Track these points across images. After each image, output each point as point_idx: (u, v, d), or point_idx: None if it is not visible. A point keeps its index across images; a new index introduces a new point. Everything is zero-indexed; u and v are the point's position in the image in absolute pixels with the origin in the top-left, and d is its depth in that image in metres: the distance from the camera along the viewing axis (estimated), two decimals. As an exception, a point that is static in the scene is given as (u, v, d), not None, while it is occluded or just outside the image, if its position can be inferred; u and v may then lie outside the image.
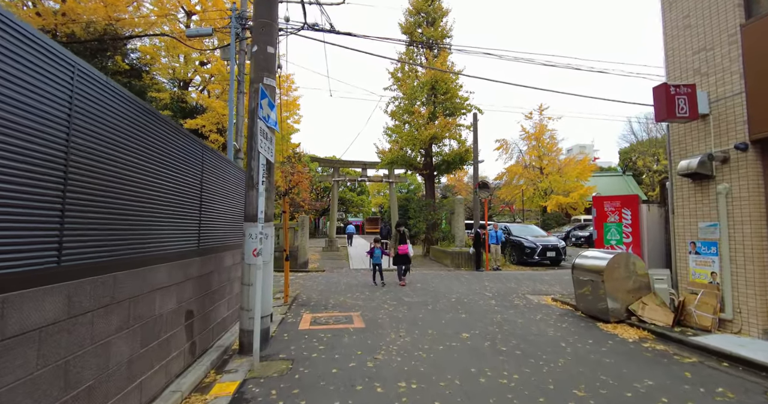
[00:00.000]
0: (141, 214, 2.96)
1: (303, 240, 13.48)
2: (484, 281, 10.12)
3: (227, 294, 5.16)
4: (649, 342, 4.96)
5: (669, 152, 6.21)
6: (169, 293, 3.40)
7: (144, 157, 3.01)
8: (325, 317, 6.13)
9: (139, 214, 2.94)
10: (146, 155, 3.05)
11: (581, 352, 4.53)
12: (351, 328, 5.43)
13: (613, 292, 6.02)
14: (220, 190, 4.96)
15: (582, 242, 24.80)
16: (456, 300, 7.52)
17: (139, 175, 2.94)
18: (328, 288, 9.01)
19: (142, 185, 2.98)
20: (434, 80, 16.71)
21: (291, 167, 16.69)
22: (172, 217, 3.48)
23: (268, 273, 4.54)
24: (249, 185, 4.42)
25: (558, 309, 6.99)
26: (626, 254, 6.19)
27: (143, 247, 2.97)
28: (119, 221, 2.68)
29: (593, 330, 5.56)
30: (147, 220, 3.04)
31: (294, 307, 6.89)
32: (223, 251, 5.06)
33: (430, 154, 18.01)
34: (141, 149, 2.97)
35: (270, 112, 4.22)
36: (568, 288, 9.17)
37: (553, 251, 14.32)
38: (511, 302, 7.50)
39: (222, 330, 4.97)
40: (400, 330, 5.38)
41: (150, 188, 3.09)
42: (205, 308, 4.29)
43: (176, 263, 3.55)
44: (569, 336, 5.25)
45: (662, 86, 5.37)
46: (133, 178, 2.85)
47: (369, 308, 6.79)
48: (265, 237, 4.39)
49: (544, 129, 31.09)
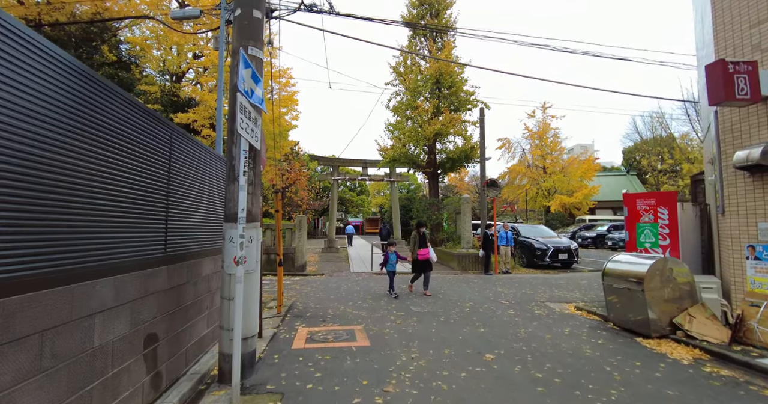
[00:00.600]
0: (66, 212, 2.16)
1: (301, 241, 12.67)
2: (497, 287, 9.33)
3: (207, 308, 4.35)
4: (708, 365, 4.17)
5: (717, 141, 5.42)
6: (118, 315, 2.60)
7: (77, 134, 2.21)
8: (324, 332, 5.32)
9: (63, 212, 2.14)
10: (80, 132, 2.25)
11: (633, 380, 3.74)
12: (354, 347, 4.63)
13: (654, 302, 5.24)
14: (198, 184, 4.16)
15: (588, 244, 24.03)
16: (470, 310, 6.72)
17: (67, 158, 2.14)
18: (327, 295, 8.21)
19: (71, 173, 2.18)
20: (439, 73, 15.94)
21: (288, 164, 15.87)
22: (120, 216, 2.67)
23: (253, 284, 3.74)
24: (229, 176, 3.62)
25: (585, 320, 6.20)
26: (669, 259, 5.40)
27: (70, 256, 2.17)
28: (20, 222, 1.88)
29: (636, 348, 4.77)
30: (77, 219, 2.24)
31: (288, 319, 6.08)
32: (202, 257, 4.26)
33: (434, 151, 17.23)
34: (70, 122, 2.17)
35: (254, 86, 3.42)
36: (589, 294, 8.40)
37: (565, 253, 13.53)
38: (531, 311, 6.70)
39: (200, 351, 4.16)
40: (411, 349, 4.58)
41: (85, 177, 2.29)
42: (175, 328, 3.49)
43: (130, 276, 2.75)
44: (610, 355, 4.46)
45: (718, 64, 4.59)
46: (53, 162, 2.05)
47: (373, 320, 5.98)
48: (249, 241, 3.59)
49: (547, 128, 30.33)
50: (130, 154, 2.78)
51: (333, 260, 16.58)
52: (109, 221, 2.53)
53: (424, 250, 8.09)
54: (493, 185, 13.34)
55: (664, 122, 35.91)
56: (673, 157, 33.92)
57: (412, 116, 16.63)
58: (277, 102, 16.85)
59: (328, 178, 23.31)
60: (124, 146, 2.71)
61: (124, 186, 2.70)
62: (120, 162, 2.66)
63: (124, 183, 2.70)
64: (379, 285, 9.51)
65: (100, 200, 2.43)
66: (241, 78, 3.13)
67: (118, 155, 2.63)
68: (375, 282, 10.05)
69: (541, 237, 14.31)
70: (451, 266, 13.50)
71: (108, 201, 2.52)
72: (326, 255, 18.53)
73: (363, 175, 23.81)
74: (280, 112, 16.68)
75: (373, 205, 54.11)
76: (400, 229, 23.65)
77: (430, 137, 16.03)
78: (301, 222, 12.90)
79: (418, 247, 8.13)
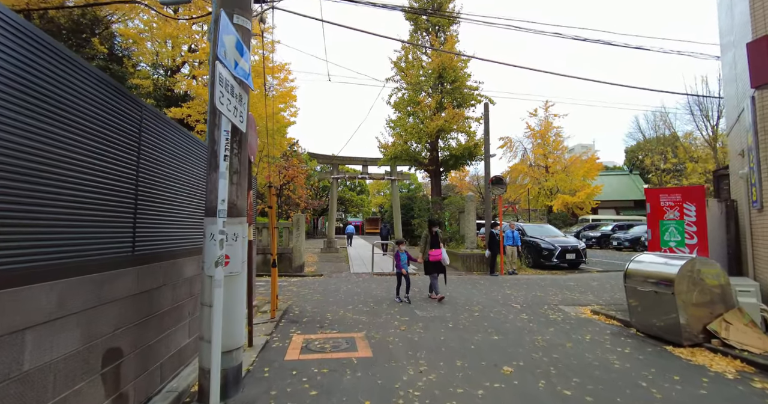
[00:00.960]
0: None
1: (299, 241, 12.17)
2: (505, 289, 8.83)
3: (189, 315, 3.85)
4: (757, 380, 3.66)
5: (754, 129, 4.93)
6: (63, 328, 2.10)
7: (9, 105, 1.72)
8: (321, 340, 4.82)
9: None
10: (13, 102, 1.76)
11: (676, 398, 3.24)
12: (354, 358, 4.12)
13: (685, 307, 4.74)
14: (181, 174, 3.67)
15: (592, 244, 23.52)
16: (480, 314, 6.22)
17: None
18: (326, 297, 7.71)
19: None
20: (441, 67, 15.45)
21: (285, 161, 15.36)
22: (66, 207, 2.18)
23: (238, 289, 3.24)
24: (211, 164, 3.12)
25: (605, 325, 5.71)
26: (701, 260, 4.91)
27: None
28: None
29: (669, 359, 4.27)
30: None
31: (283, 324, 5.58)
32: (184, 256, 3.77)
33: (436, 148, 16.75)
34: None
35: (239, 58, 2.93)
36: (603, 296, 7.91)
37: (573, 254, 13.04)
38: (545, 316, 6.20)
39: (180, 363, 3.66)
40: (419, 361, 4.07)
41: (10, 154, 1.80)
42: (146, 339, 2.99)
43: (80, 281, 2.25)
44: (642, 368, 3.96)
45: (763, 40, 4.09)
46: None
47: (375, 325, 5.48)
48: (234, 239, 3.09)
49: (549, 126, 29.87)
50: (81, 131, 2.28)
51: (332, 260, 16.08)
52: (49, 211, 2.04)
53: (436, 251, 7.29)
54: (499, 182, 12.84)
55: (667, 120, 35.47)
56: (677, 156, 33.49)
57: (413, 111, 16.14)
58: (275, 97, 16.37)
59: (327, 177, 22.78)
60: (72, 121, 2.21)
61: (72, 170, 2.20)
62: (67, 140, 2.16)
63: (72, 165, 2.20)
64: (380, 287, 9.02)
65: (35, 185, 1.94)
66: (221, 44, 2.63)
67: (63, 131, 2.13)
68: (376, 284, 9.56)
69: (548, 237, 13.82)
70: (455, 267, 13.00)
71: (47, 187, 2.02)
72: (325, 255, 18.03)
73: (363, 173, 23.27)
74: (278, 108, 16.19)
75: (373, 205, 53.65)
76: (401, 229, 23.13)
77: (433, 134, 15.53)
78: (299, 221, 12.41)
79: (429, 247, 7.36)
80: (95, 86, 2.42)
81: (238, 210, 3.23)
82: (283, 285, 9.26)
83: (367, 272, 12.09)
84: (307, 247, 16.94)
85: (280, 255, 11.81)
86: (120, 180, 2.67)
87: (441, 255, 7.26)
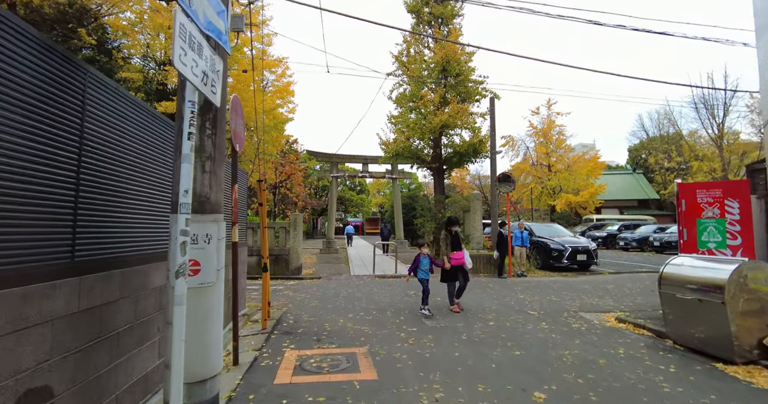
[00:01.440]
0: None
1: (296, 242, 11.54)
2: (516, 293, 8.20)
3: (158, 332, 3.22)
4: (842, 410, 3.05)
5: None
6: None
7: None
8: (318, 357, 4.18)
9: None
10: None
11: (755, 438, 2.62)
12: (356, 382, 3.48)
13: (736, 318, 4.13)
14: (145, 162, 3.04)
15: (599, 244, 22.92)
16: (495, 324, 5.60)
17: None
18: (324, 304, 7.07)
19: None
20: (445, 61, 14.81)
21: (282, 157, 14.72)
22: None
23: (213, 304, 2.60)
24: (177, 147, 2.49)
25: (636, 336, 5.09)
26: (750, 263, 4.29)
27: None
28: None
29: (725, 381, 3.65)
30: None
31: (275, 337, 4.95)
32: (151, 261, 3.13)
33: (440, 145, 16.09)
34: None
35: (211, 11, 2.30)
36: (624, 301, 7.29)
37: (584, 254, 12.42)
38: (567, 325, 5.58)
39: (146, 391, 3.03)
40: (433, 384, 3.44)
41: None
42: (93, 369, 2.36)
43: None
44: (699, 393, 3.33)
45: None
46: None
47: (379, 338, 4.85)
48: (206, 241, 2.46)
49: (552, 125, 29.25)
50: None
51: (332, 261, 15.45)
52: None
53: (458, 253, 6.44)
54: (507, 179, 12.22)
55: (672, 118, 34.88)
56: (682, 154, 32.89)
57: (416, 107, 15.49)
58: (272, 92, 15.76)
59: (326, 175, 22.12)
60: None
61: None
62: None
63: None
64: (383, 291, 8.38)
65: None
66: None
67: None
68: (378, 287, 8.92)
69: (557, 237, 13.21)
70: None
71: None
72: (324, 256, 17.40)
73: (363, 172, 22.62)
74: (276, 104, 15.56)
75: (373, 205, 53.04)
76: (402, 229, 22.49)
77: (436, 130, 14.88)
78: (296, 220, 11.78)
79: (450, 249, 6.49)
80: (15, 42, 1.79)
81: (212, 205, 2.60)
82: (279, 289, 8.63)
83: (368, 274, 11.46)
84: (305, 247, 16.31)
85: (277, 257, 11.19)
86: (51, 165, 2.04)
87: (464, 259, 6.44)
